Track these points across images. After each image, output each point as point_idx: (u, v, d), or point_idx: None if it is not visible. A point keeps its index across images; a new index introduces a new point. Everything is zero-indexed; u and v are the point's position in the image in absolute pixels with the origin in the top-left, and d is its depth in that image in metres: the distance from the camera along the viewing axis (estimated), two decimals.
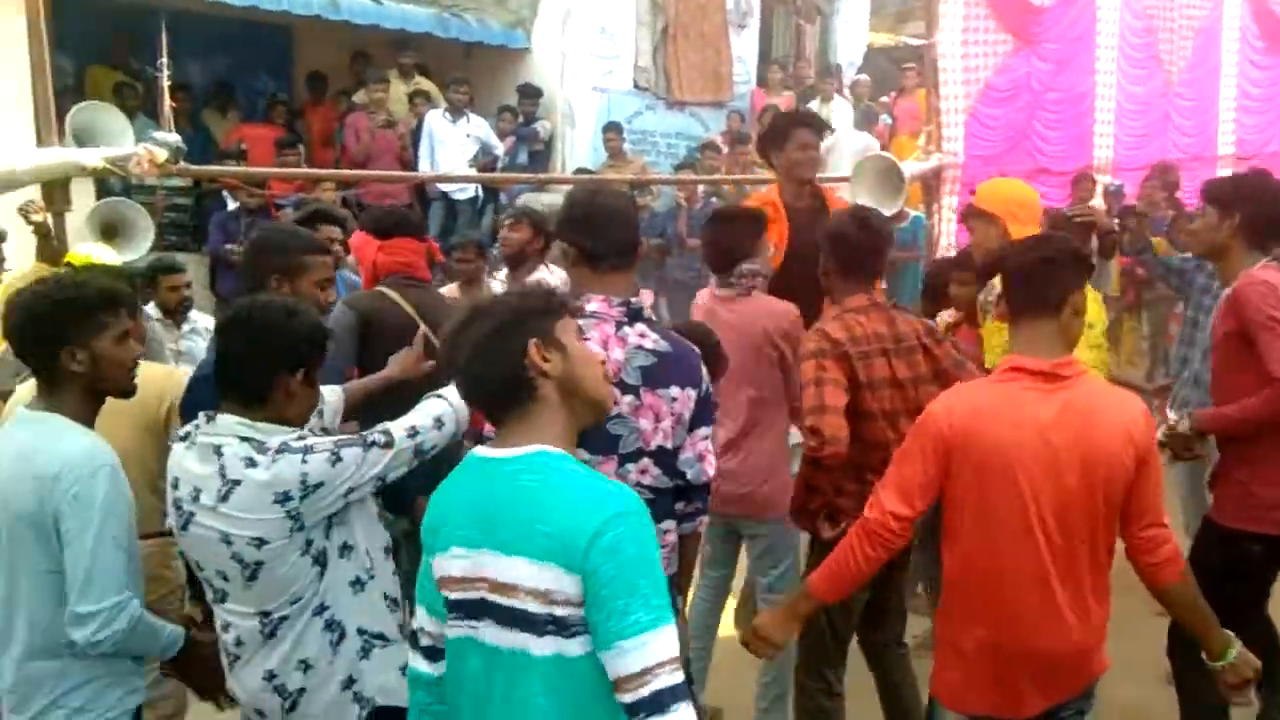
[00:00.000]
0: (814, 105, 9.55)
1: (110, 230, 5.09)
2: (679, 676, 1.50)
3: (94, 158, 4.00)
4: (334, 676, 2.13)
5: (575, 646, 1.54)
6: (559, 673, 1.54)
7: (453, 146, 8.42)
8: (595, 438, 2.15)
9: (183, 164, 4.38)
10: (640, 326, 2.26)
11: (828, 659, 2.97)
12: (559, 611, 1.53)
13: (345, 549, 2.13)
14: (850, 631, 3.03)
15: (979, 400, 2.23)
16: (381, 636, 2.19)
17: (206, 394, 2.24)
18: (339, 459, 2.05)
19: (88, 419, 2.18)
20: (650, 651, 1.48)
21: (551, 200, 9.00)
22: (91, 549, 2.04)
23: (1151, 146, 8.01)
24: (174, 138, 4.26)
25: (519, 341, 1.62)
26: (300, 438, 2.09)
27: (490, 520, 1.59)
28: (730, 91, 10.23)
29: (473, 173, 8.20)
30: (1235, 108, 8.50)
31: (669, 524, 2.31)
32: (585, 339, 2.13)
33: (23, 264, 4.57)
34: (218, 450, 2.04)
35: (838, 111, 9.34)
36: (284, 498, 2.00)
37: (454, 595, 1.64)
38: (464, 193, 8.57)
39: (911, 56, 11.18)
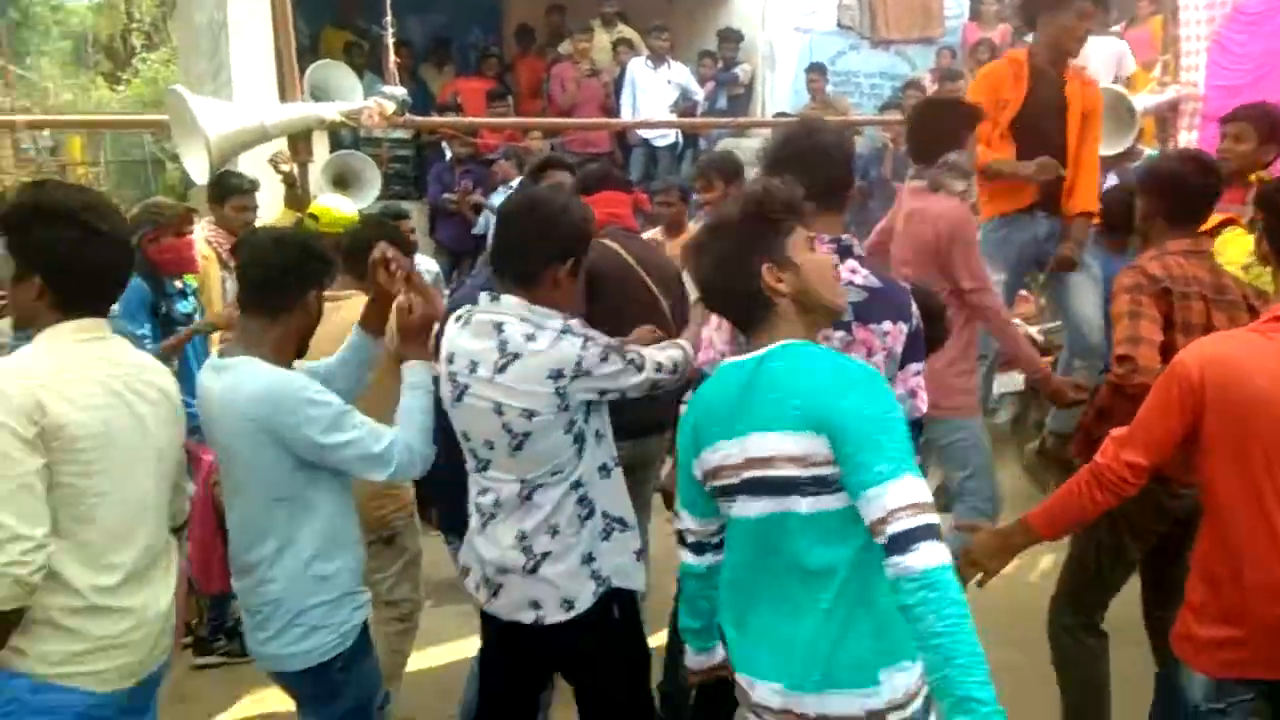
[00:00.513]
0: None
1: (341, 180, 5.54)
2: (921, 520, 1.60)
3: (331, 111, 4.37)
4: (576, 548, 2.29)
5: (836, 501, 1.71)
6: (826, 525, 1.72)
7: (654, 93, 8.51)
8: None
9: (407, 116, 4.69)
10: (851, 263, 2.26)
11: (1085, 597, 2.92)
12: (818, 472, 1.70)
13: (599, 436, 2.32)
14: (1117, 582, 2.93)
15: (1233, 350, 2.08)
16: (621, 521, 2.36)
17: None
18: (606, 359, 2.23)
19: (286, 364, 2.35)
20: (891, 498, 1.61)
21: (751, 145, 8.95)
22: (342, 440, 2.23)
23: None
24: (401, 92, 4.57)
25: (753, 264, 1.78)
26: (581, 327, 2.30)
27: (746, 408, 1.77)
28: (940, 27, 9.73)
29: (673, 118, 8.26)
30: None
31: None
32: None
33: (271, 212, 5.02)
34: (499, 326, 2.23)
35: None
36: (557, 375, 2.18)
37: (720, 482, 1.84)
38: (664, 139, 8.65)
39: None
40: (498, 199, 7.06)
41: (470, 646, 4.03)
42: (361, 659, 2.43)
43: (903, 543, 1.59)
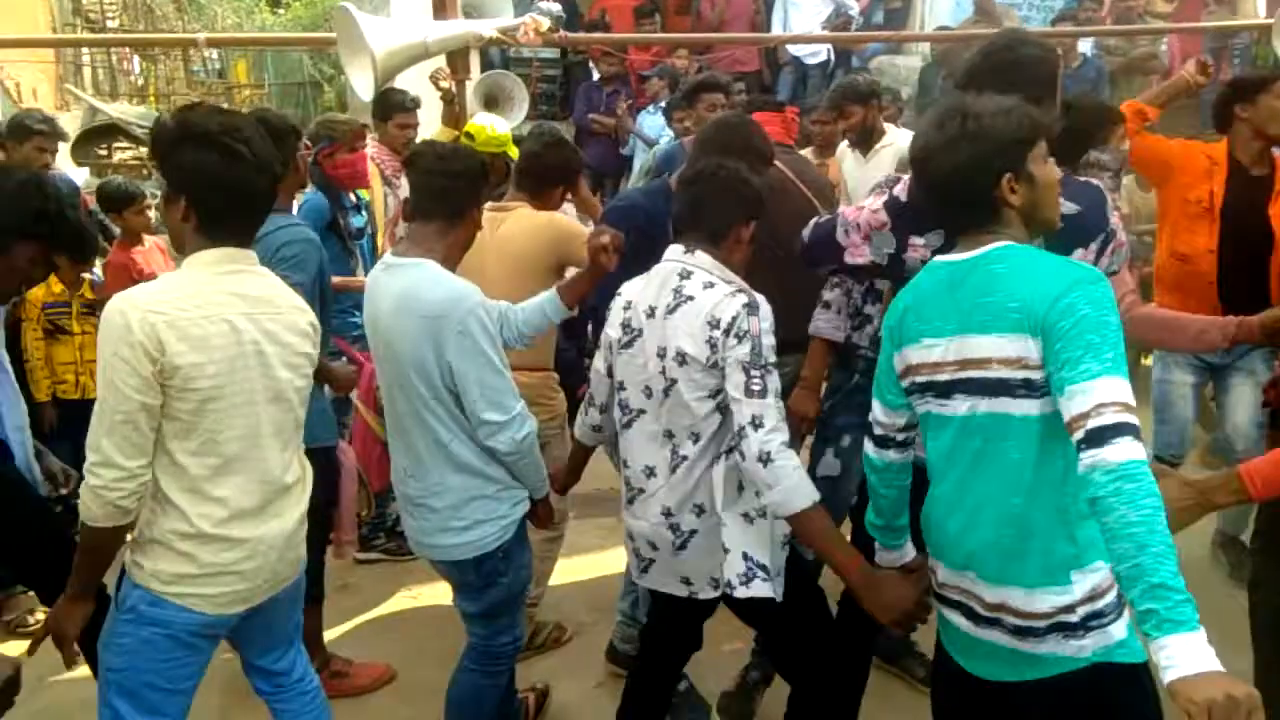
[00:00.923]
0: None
1: (492, 100, 5.59)
2: (1125, 418, 1.58)
3: (488, 28, 4.38)
4: (721, 528, 2.31)
5: (1045, 406, 1.72)
6: (1029, 429, 1.74)
7: (807, 9, 8.21)
8: None
9: (561, 33, 4.68)
10: None
11: None
12: (1030, 375, 1.71)
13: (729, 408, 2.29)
14: None
15: None
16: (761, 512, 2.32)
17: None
18: (757, 350, 2.21)
19: (453, 268, 2.45)
20: (1096, 393, 1.59)
21: (908, 63, 8.55)
22: (478, 376, 2.34)
23: None
24: (555, 7, 4.55)
25: (994, 173, 1.79)
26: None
27: (961, 308, 1.81)
28: None
29: (826, 34, 7.97)
30: None
31: None
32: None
33: (429, 130, 5.13)
34: (684, 274, 2.33)
35: None
36: (714, 323, 2.23)
37: (921, 379, 1.90)
38: (815, 57, 8.37)
39: None
40: (649, 118, 7.01)
41: (612, 560, 4.18)
42: (518, 553, 2.55)
43: (1105, 435, 1.57)
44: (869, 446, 2.09)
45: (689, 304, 2.28)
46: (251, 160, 2.01)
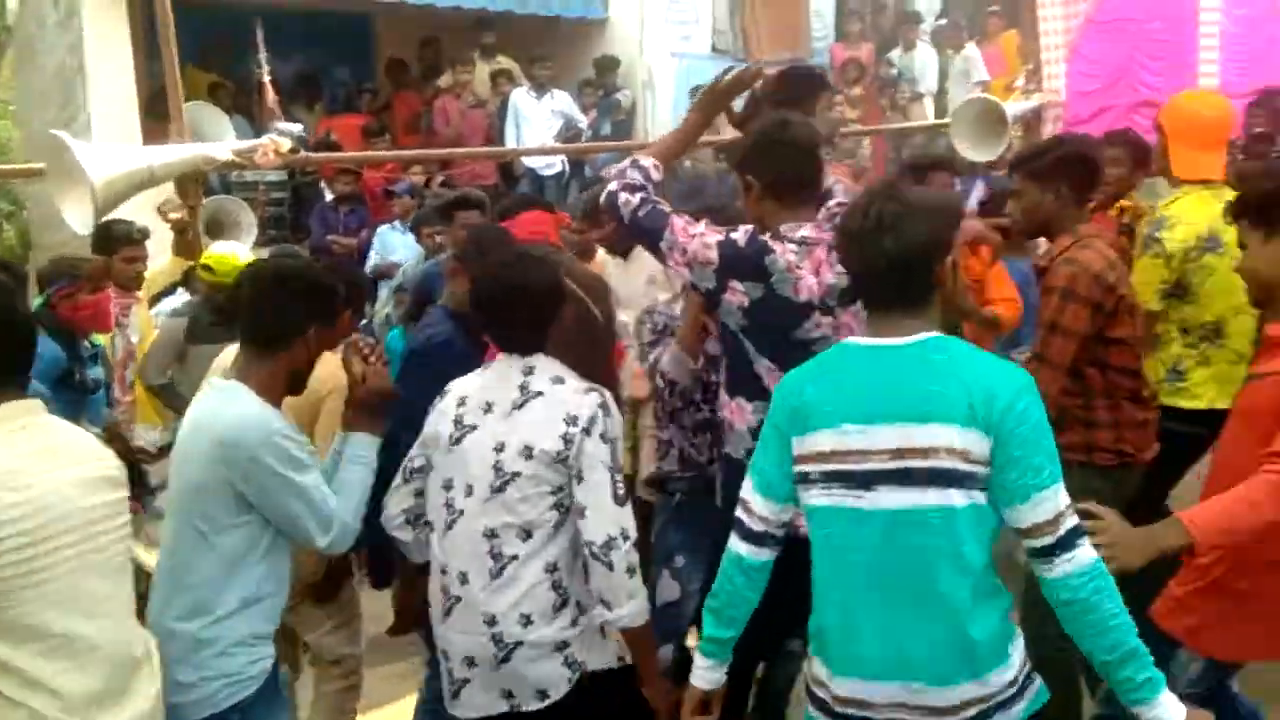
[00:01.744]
0: (895, 54, 9.37)
1: (216, 226, 5.25)
2: (1077, 520, 1.72)
3: (223, 151, 4.12)
4: (550, 638, 2.18)
5: (981, 498, 1.73)
6: (969, 519, 1.72)
7: (538, 123, 8.46)
8: (799, 360, 2.13)
9: (303, 153, 4.49)
10: (833, 255, 2.29)
11: None
12: (974, 469, 1.71)
13: (582, 512, 2.19)
14: None
15: None
16: (581, 607, 2.24)
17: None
18: (612, 449, 2.19)
19: (276, 400, 2.23)
20: (1059, 499, 1.70)
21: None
22: (282, 505, 2.12)
23: (1258, 70, 7.64)
24: (296, 128, 4.41)
25: (938, 255, 1.80)
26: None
27: (899, 395, 1.74)
28: (808, 47, 10.06)
29: (559, 146, 8.24)
30: None
31: None
32: (799, 268, 2.24)
33: (158, 263, 4.72)
34: (528, 370, 2.26)
35: (920, 60, 9.13)
36: (572, 420, 2.17)
37: (831, 467, 1.78)
38: (550, 169, 8.60)
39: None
40: (394, 235, 6.84)
41: (405, 710, 3.85)
42: (265, 712, 2.21)
43: (1074, 539, 1.69)
44: (742, 547, 1.92)
45: (539, 399, 2.22)
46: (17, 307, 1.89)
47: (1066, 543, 1.69)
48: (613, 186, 2.49)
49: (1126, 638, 1.66)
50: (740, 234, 2.33)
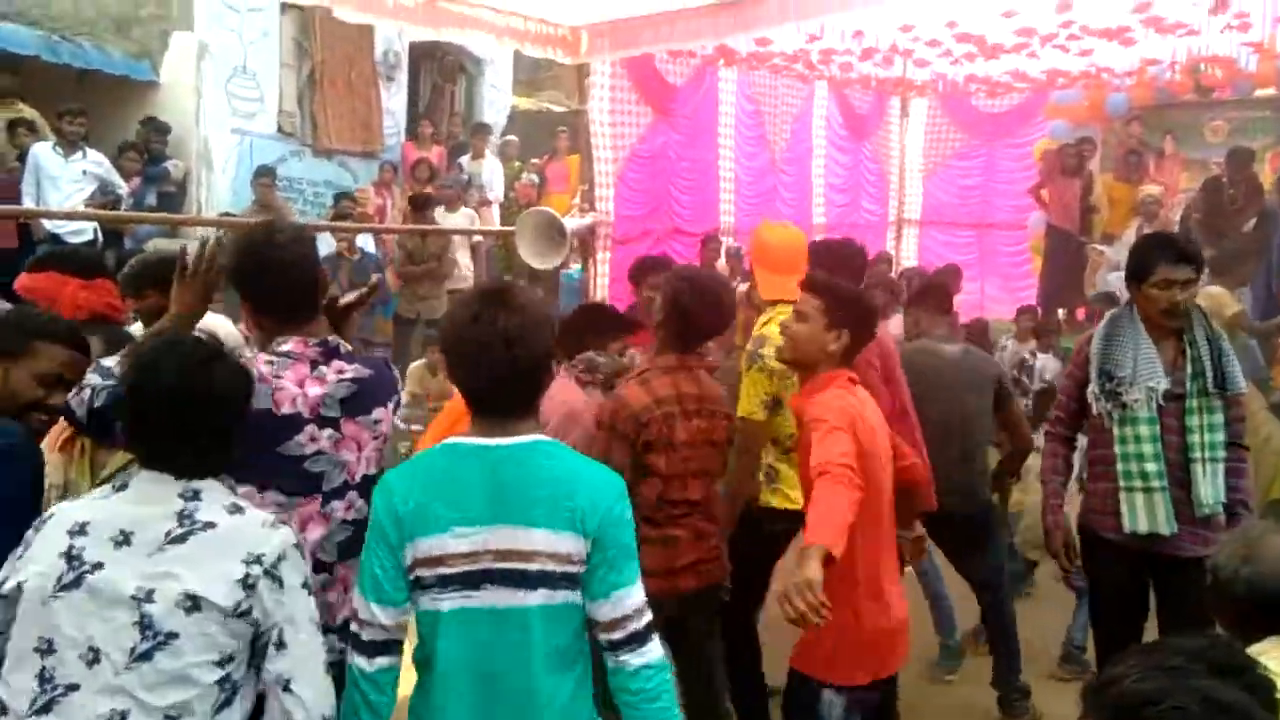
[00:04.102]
0: (465, 161, 9.77)
1: None
2: (649, 617, 1.87)
3: None
4: None
5: (575, 596, 1.84)
6: (567, 617, 1.83)
7: (66, 184, 7.46)
8: (291, 479, 2.10)
9: None
10: (338, 363, 2.21)
11: None
12: (572, 569, 1.81)
13: (285, 686, 1.75)
14: None
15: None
16: None
17: None
18: (308, 589, 1.81)
19: None
20: (637, 596, 1.86)
21: (191, 247, 8.28)
22: None
23: (762, 214, 9.10)
24: None
25: (549, 356, 1.91)
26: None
27: (506, 498, 1.80)
28: (381, 142, 10.13)
29: (97, 213, 7.35)
30: (824, 185, 9.96)
31: None
32: (278, 378, 2.10)
33: None
34: (191, 494, 1.76)
35: (488, 169, 9.61)
36: (255, 560, 1.72)
37: (447, 571, 1.80)
38: (80, 235, 7.59)
39: (554, 121, 11.81)
40: None
41: None
42: None
43: (647, 636, 1.85)
44: (362, 662, 1.82)
45: (208, 533, 1.72)
46: None
47: (643, 637, 1.84)
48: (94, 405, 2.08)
49: None
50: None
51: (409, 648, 1.90)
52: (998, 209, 10.17)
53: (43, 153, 7.45)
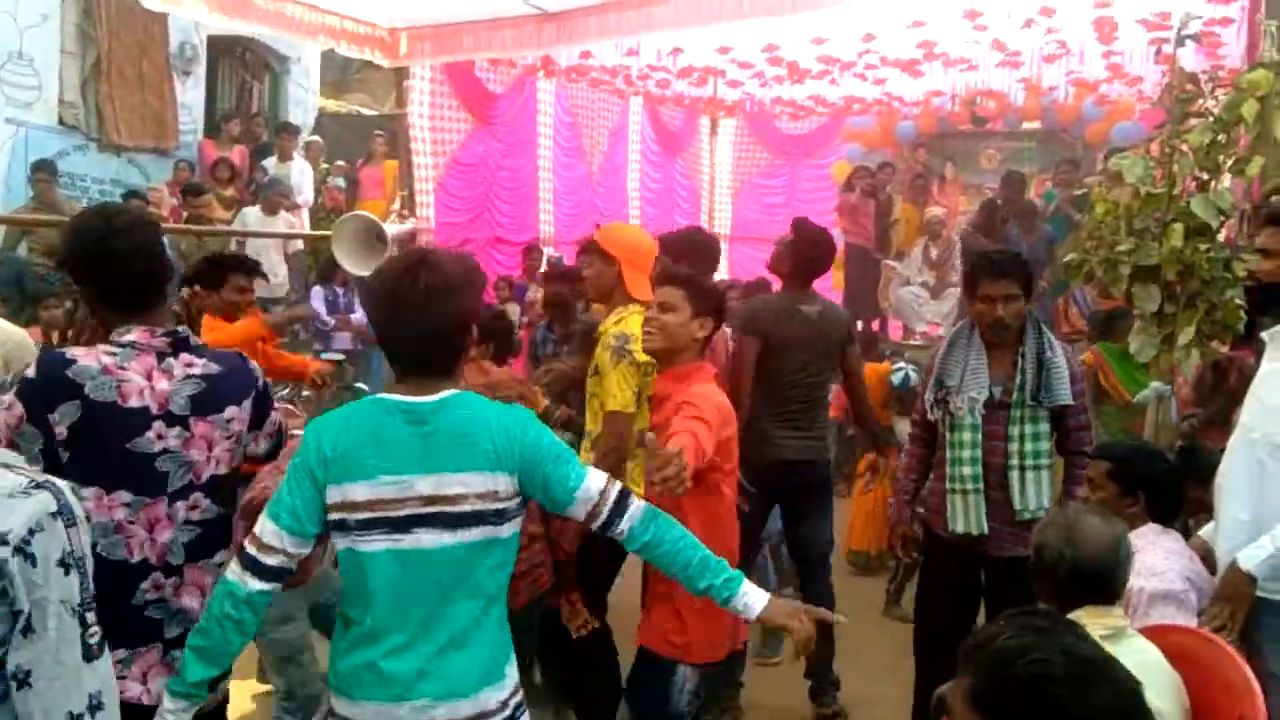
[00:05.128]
0: (270, 163, 9.33)
1: None
2: (619, 483, 2.02)
3: None
4: None
5: (506, 530, 1.95)
6: (494, 551, 1.94)
7: None
8: (142, 478, 2.01)
9: None
10: (186, 355, 2.11)
11: None
12: (499, 505, 1.92)
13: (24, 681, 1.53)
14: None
15: None
16: None
17: None
18: (80, 592, 1.60)
19: None
20: (595, 481, 1.98)
21: None
22: None
23: (580, 225, 9.23)
24: None
25: (468, 320, 1.98)
26: None
27: (430, 449, 1.89)
28: (175, 139, 9.49)
29: None
30: (639, 198, 10.22)
31: (222, 554, 2.15)
32: (123, 369, 2.01)
33: None
34: None
35: (297, 171, 9.22)
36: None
37: (366, 515, 1.89)
38: None
39: (362, 125, 11.46)
40: None
41: None
42: None
43: (626, 498, 1.99)
44: (253, 581, 1.87)
45: None
46: None
47: (621, 505, 1.98)
48: None
49: (695, 553, 1.98)
50: (33, 365, 2.06)
51: None
52: None
53: None
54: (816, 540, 3.98)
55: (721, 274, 10.34)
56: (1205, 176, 3.97)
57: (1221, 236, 4.00)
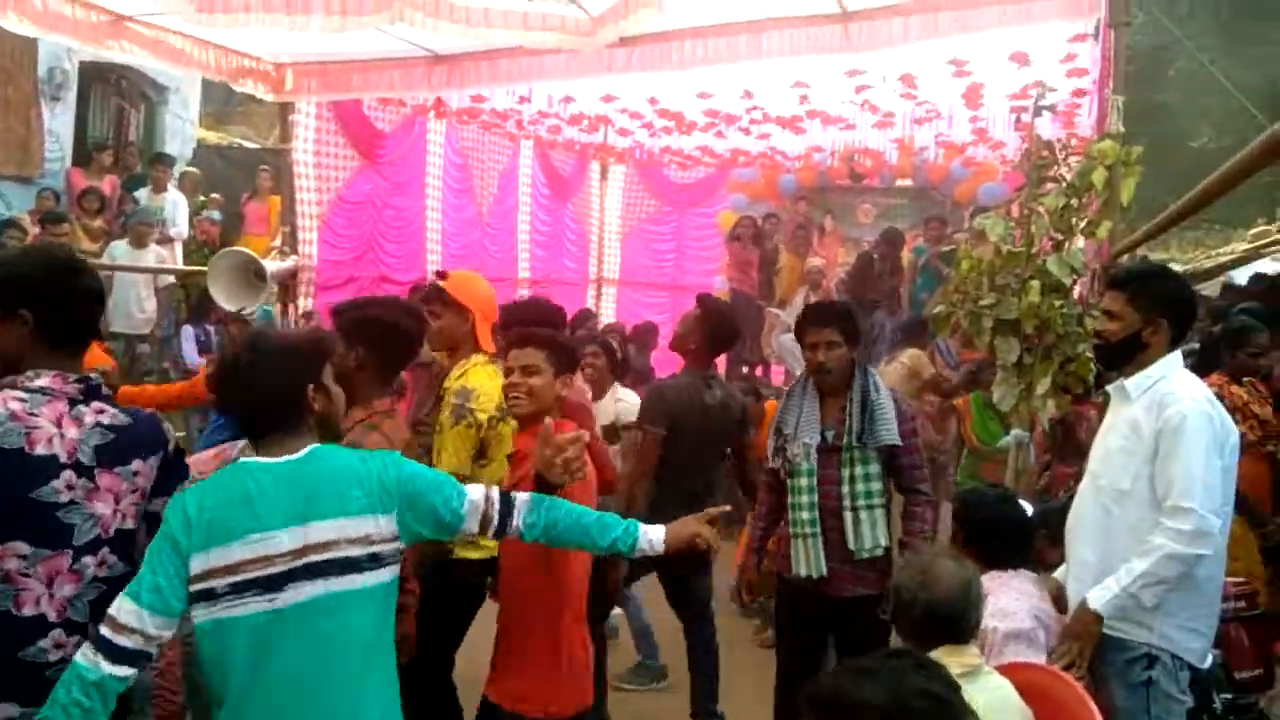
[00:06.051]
0: (143, 194, 9.00)
1: None
2: (495, 487, 2.12)
3: None
4: None
5: (385, 575, 1.99)
6: (374, 599, 1.97)
7: None
8: (44, 530, 1.94)
9: None
10: (97, 403, 2.07)
11: None
12: (374, 549, 1.96)
13: None
14: None
15: None
16: None
17: None
18: None
19: None
20: (473, 493, 2.07)
21: None
22: None
23: (468, 265, 9.15)
24: None
25: (305, 385, 2.05)
26: None
27: (302, 501, 1.92)
28: (40, 167, 9.06)
29: None
30: (529, 241, 10.23)
31: None
32: (33, 415, 1.95)
33: None
34: None
35: (170, 203, 8.91)
36: None
37: (240, 578, 1.88)
38: None
39: (243, 158, 11.18)
40: None
41: None
42: None
43: (508, 499, 2.09)
44: (105, 664, 1.80)
45: None
46: None
47: (507, 503, 2.07)
48: None
49: (589, 517, 2.13)
50: None
51: None
52: (688, 271, 10.93)
53: None
54: (695, 595, 4.06)
55: (609, 317, 10.49)
56: (1060, 237, 4.24)
57: (1076, 294, 4.28)
